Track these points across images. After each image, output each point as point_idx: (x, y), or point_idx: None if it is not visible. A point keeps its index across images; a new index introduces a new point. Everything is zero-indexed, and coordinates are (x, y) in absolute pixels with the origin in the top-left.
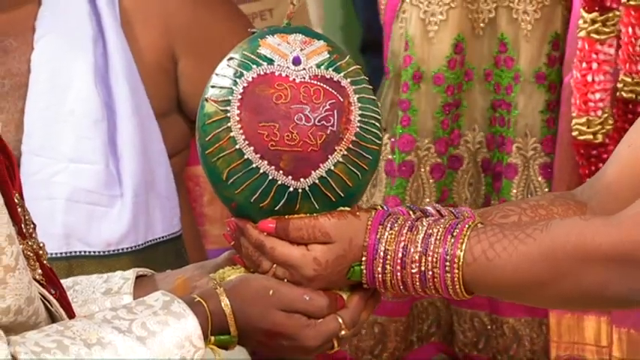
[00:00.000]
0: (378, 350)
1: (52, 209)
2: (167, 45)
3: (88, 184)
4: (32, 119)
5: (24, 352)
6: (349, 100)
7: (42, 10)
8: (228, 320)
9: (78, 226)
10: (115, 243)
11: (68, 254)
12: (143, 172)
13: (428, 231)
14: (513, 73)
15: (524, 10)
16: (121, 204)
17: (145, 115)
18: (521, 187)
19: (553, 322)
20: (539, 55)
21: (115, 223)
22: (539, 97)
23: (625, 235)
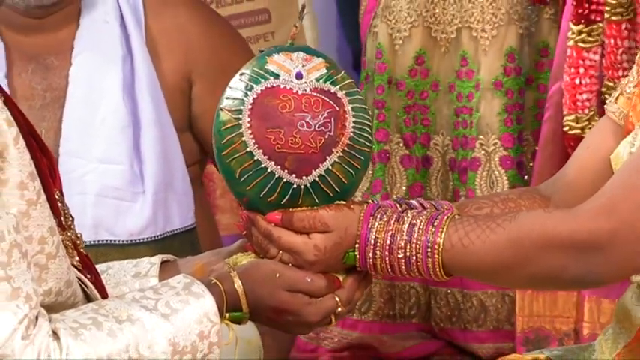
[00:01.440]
0: (365, 307)
1: (83, 203)
2: (186, 69)
3: (115, 182)
4: (69, 126)
5: (63, 328)
6: (344, 109)
7: (79, 31)
8: (240, 299)
9: (105, 218)
10: (137, 233)
11: (96, 242)
12: (162, 173)
13: (412, 221)
14: (474, 82)
15: (482, 29)
16: (143, 200)
17: (165, 124)
18: (484, 178)
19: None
20: (497, 66)
21: (137, 216)
22: (497, 101)
23: (581, 225)
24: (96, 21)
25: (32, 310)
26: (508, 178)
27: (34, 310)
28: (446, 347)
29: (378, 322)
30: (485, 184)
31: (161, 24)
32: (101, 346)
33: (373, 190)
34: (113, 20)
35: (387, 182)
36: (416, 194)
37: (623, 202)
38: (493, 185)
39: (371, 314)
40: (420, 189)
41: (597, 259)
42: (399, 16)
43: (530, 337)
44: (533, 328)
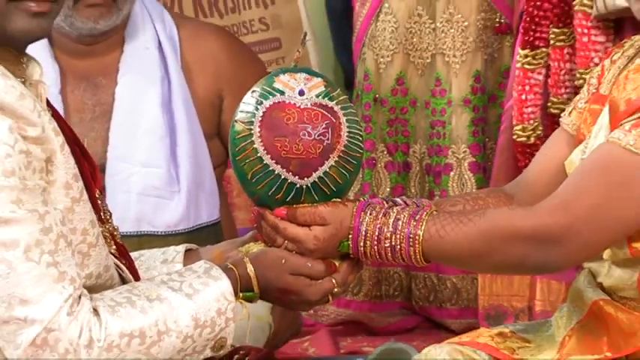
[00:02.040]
0: (356, 289)
1: (128, 200)
2: (217, 87)
3: (155, 183)
4: (116, 135)
5: (102, 306)
6: (340, 121)
7: (124, 56)
8: (252, 281)
9: (146, 213)
10: (173, 225)
11: (139, 233)
12: (194, 175)
13: (397, 216)
14: (446, 100)
15: (453, 54)
16: (178, 197)
17: (196, 134)
18: (455, 180)
19: (481, 280)
20: (465, 86)
21: (173, 211)
22: (466, 116)
23: (541, 220)
24: (138, 48)
25: (76, 290)
26: (476, 180)
27: (77, 290)
28: (424, 322)
29: (368, 301)
30: (456, 186)
31: (195, 51)
32: (134, 321)
33: (363, 190)
34: (152, 47)
35: (374, 184)
36: (398, 194)
37: (576, 201)
38: (463, 186)
39: (361, 295)
40: (401, 190)
41: (554, 249)
42: (383, 45)
43: (491, 313)
44: (493, 306)
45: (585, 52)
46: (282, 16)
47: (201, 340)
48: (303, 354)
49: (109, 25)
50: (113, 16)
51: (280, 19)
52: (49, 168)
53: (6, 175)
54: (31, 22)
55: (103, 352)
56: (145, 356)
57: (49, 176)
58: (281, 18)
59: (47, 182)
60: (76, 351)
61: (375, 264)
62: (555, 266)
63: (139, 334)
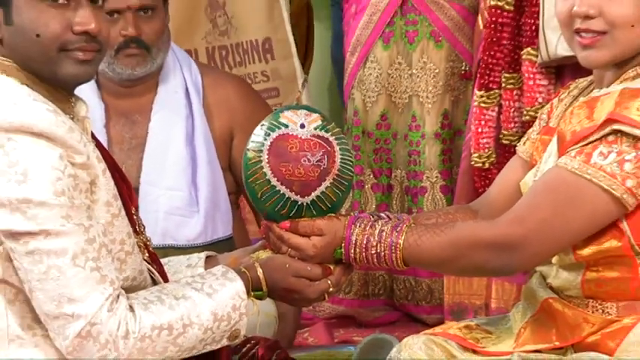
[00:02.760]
0: (348, 289)
1: (156, 218)
2: (230, 126)
3: (178, 204)
4: (148, 164)
5: (137, 303)
6: (334, 150)
7: (157, 98)
8: (261, 282)
9: (171, 229)
10: (192, 240)
11: (164, 246)
12: (211, 198)
13: (381, 228)
14: (421, 133)
15: (426, 96)
16: (197, 217)
17: (214, 164)
18: (429, 200)
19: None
20: (436, 122)
21: (193, 228)
22: (437, 147)
23: (499, 231)
24: (169, 91)
25: (115, 291)
26: (446, 200)
27: (116, 291)
28: (404, 317)
29: (357, 299)
30: (430, 204)
31: (214, 95)
32: (163, 316)
33: (353, 207)
34: (180, 91)
35: (362, 202)
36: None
37: (529, 215)
38: (436, 204)
39: (352, 294)
40: (385, 207)
41: (511, 256)
42: (369, 87)
43: (454, 309)
44: (456, 303)
45: (531, 93)
46: (281, 70)
47: (219, 331)
48: (304, 343)
49: (144, 71)
50: (148, 64)
51: (279, 72)
52: (92, 189)
53: (57, 194)
54: (79, 68)
55: (137, 342)
56: (173, 345)
57: (93, 196)
58: (279, 71)
59: (91, 201)
60: (114, 341)
61: (363, 268)
62: (511, 270)
63: (168, 327)
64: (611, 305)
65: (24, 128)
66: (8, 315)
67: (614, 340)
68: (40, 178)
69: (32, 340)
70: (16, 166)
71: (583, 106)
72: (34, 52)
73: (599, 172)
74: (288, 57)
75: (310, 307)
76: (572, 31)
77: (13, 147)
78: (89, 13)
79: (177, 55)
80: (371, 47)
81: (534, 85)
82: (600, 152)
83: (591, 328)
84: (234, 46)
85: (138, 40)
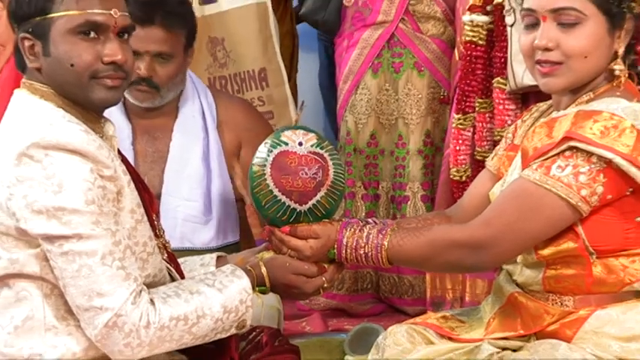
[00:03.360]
0: (340, 285)
1: (175, 224)
2: (238, 142)
3: (194, 212)
4: (168, 177)
5: (156, 297)
6: (328, 164)
7: (177, 120)
8: (265, 279)
9: (188, 234)
10: (206, 244)
11: (182, 248)
12: (222, 208)
13: (369, 232)
14: (406, 150)
15: (411, 118)
16: (211, 224)
17: (225, 179)
18: (411, 207)
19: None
20: (419, 141)
21: (207, 234)
22: (420, 162)
23: (471, 233)
24: (187, 116)
25: (138, 286)
26: (426, 207)
27: (139, 286)
28: (388, 309)
29: (348, 294)
30: (412, 211)
31: (226, 115)
32: (180, 308)
33: (345, 214)
34: (198, 116)
35: (353, 210)
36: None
37: (496, 219)
38: (417, 211)
39: (343, 290)
40: (373, 214)
41: (481, 254)
42: (360, 110)
43: (435, 301)
44: (437, 296)
45: (501, 116)
46: (274, 96)
47: (228, 322)
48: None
49: (152, 104)
50: (156, 100)
51: (273, 98)
52: (119, 198)
53: (88, 203)
54: (107, 93)
55: (157, 331)
56: (188, 334)
57: (119, 204)
58: (273, 97)
59: (118, 208)
60: (137, 331)
61: (353, 267)
62: (481, 267)
63: (184, 318)
64: (568, 299)
65: (59, 146)
66: (45, 307)
67: (571, 329)
68: (73, 189)
69: (66, 329)
70: (53, 178)
71: (543, 125)
72: (69, 80)
73: (558, 182)
74: (280, 84)
75: (307, 300)
76: (533, 62)
77: (50, 162)
78: (116, 46)
79: (196, 84)
80: (362, 76)
81: (504, 109)
82: (558, 165)
83: (551, 318)
84: (232, 76)
85: (149, 80)
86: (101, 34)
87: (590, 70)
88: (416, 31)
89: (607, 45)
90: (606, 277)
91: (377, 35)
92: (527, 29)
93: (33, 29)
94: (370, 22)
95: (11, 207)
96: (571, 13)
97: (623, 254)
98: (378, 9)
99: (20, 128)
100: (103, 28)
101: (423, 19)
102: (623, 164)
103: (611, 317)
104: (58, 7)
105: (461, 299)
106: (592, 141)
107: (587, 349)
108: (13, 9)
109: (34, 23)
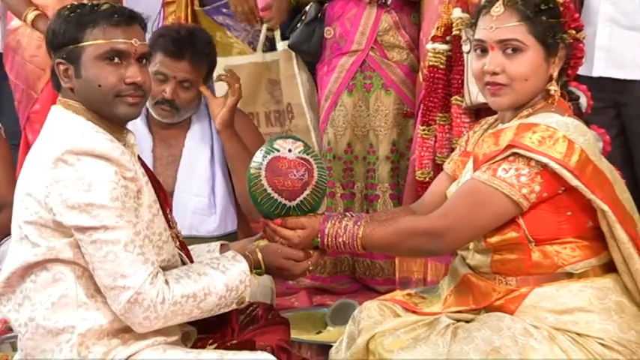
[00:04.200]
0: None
1: (185, 216)
2: None
3: (201, 206)
4: (181, 177)
5: (170, 278)
6: (313, 167)
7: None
8: (261, 263)
9: (195, 224)
10: (211, 232)
11: (190, 236)
12: (224, 204)
13: (346, 224)
14: (376, 156)
15: (380, 130)
16: (215, 216)
17: (227, 180)
18: (381, 204)
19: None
20: (387, 148)
21: (211, 224)
22: (388, 166)
23: (430, 224)
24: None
25: (155, 269)
26: (393, 204)
27: (155, 269)
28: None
29: (329, 276)
30: (382, 207)
31: None
32: (190, 287)
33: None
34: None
35: (333, 206)
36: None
37: (451, 212)
38: (386, 207)
39: (325, 272)
40: (350, 209)
41: (439, 242)
42: (338, 124)
43: (402, 281)
44: (404, 277)
45: (458, 128)
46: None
47: (230, 298)
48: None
49: (171, 121)
50: (175, 118)
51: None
52: (138, 195)
53: (113, 200)
54: (129, 109)
55: (171, 306)
56: (196, 309)
57: (139, 200)
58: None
59: (138, 204)
60: (154, 306)
61: (333, 253)
62: (440, 252)
63: (193, 295)
64: (512, 279)
65: (89, 152)
66: (77, 287)
67: (514, 304)
68: (100, 188)
69: (94, 305)
70: (83, 179)
71: (491, 136)
72: (97, 98)
73: (503, 182)
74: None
75: (295, 280)
76: (483, 83)
77: (81, 165)
78: (136, 70)
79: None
80: (339, 96)
81: (460, 122)
82: (503, 168)
83: (498, 295)
84: (283, 111)
85: (172, 102)
86: (123, 59)
87: (530, 90)
88: (383, 58)
89: (544, 70)
90: (543, 261)
91: (351, 61)
92: (478, 56)
93: (67, 55)
94: (345, 51)
95: (49, 203)
96: (514, 44)
97: (557, 242)
98: (352, 40)
99: (56, 137)
100: (125, 55)
101: (389, 47)
102: (557, 168)
103: (546, 294)
104: (88, 37)
105: (424, 279)
106: (531, 148)
107: (527, 321)
108: (50, 39)
109: (68, 51)
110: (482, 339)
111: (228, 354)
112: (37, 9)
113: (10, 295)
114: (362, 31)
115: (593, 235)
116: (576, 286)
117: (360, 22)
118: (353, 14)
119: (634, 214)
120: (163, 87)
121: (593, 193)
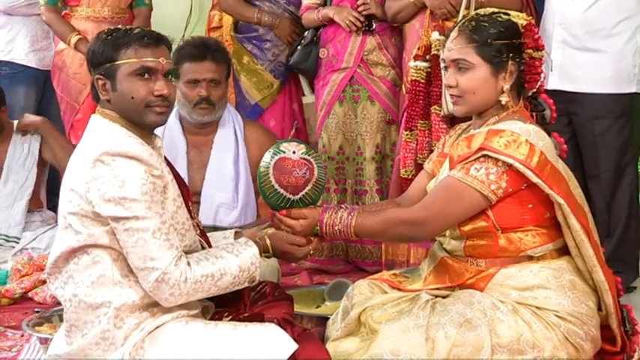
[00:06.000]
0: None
1: (211, 209)
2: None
3: (225, 201)
4: (209, 177)
5: (192, 260)
6: (313, 166)
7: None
8: (269, 247)
9: (220, 216)
10: (232, 223)
11: (215, 226)
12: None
13: (341, 214)
14: (363, 157)
15: (366, 134)
16: (237, 210)
17: (249, 179)
18: (369, 198)
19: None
20: (372, 150)
21: (233, 216)
22: (374, 166)
23: (412, 214)
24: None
25: (179, 253)
26: (379, 198)
27: (179, 253)
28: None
29: (326, 259)
30: (370, 200)
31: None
32: (208, 269)
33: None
34: (231, 132)
35: (329, 200)
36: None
37: (430, 205)
38: (373, 200)
39: (323, 256)
40: (343, 203)
41: (420, 230)
42: (331, 130)
43: (388, 263)
44: (389, 260)
45: (437, 132)
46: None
47: (243, 278)
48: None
49: (210, 119)
50: (212, 115)
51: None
52: (164, 190)
53: (143, 194)
54: (157, 117)
55: (192, 284)
56: (214, 287)
57: (165, 195)
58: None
59: (164, 198)
60: (178, 284)
61: (330, 239)
62: (420, 238)
63: (211, 275)
64: (482, 261)
65: (122, 154)
66: (113, 268)
67: (483, 282)
68: (132, 184)
69: (128, 283)
70: (118, 177)
71: (465, 140)
72: (130, 108)
73: (475, 179)
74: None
75: (298, 263)
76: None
77: (116, 165)
78: (164, 84)
79: (230, 111)
80: (332, 106)
81: (439, 128)
82: (475, 167)
83: (470, 274)
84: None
85: (208, 99)
86: (152, 75)
87: (481, 100)
88: (369, 74)
89: (492, 84)
90: (508, 246)
91: (342, 77)
92: (443, 72)
93: (104, 72)
94: (337, 68)
95: (89, 197)
96: (462, 63)
97: (520, 230)
98: (342, 59)
99: (95, 141)
100: (153, 71)
101: (374, 65)
102: (520, 167)
103: (511, 274)
104: (122, 56)
105: (407, 261)
106: (499, 151)
107: (494, 296)
108: (90, 58)
109: (105, 68)
110: (457, 312)
111: (241, 325)
112: (79, 33)
113: (57, 275)
114: (350, 52)
115: (550, 224)
116: (536, 267)
117: (348, 44)
118: (343, 37)
119: (585, 206)
120: (197, 90)
121: (551, 189)
